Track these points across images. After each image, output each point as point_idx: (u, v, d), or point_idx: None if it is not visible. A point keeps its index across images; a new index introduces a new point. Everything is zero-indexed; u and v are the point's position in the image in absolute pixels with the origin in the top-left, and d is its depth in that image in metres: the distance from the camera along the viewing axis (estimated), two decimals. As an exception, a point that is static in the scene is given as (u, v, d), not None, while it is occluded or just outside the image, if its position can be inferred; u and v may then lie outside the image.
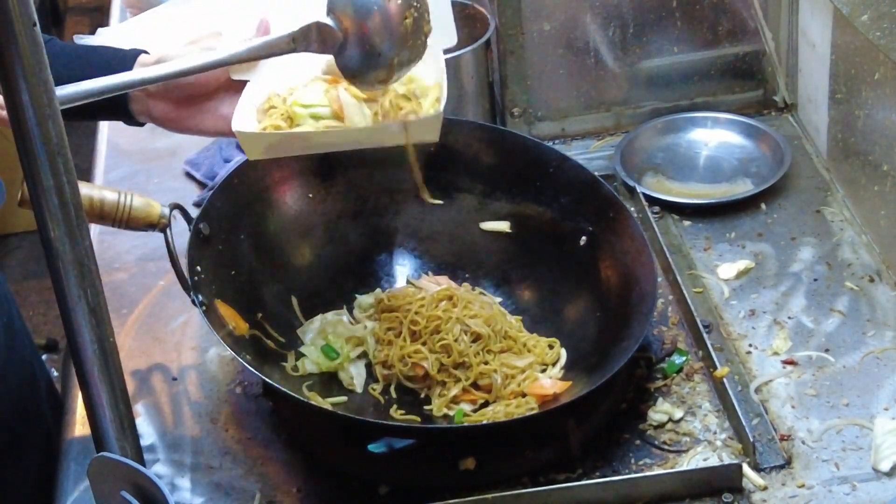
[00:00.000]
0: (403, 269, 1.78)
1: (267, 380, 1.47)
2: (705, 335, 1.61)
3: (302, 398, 1.51)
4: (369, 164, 1.78)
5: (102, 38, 2.31)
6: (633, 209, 1.79)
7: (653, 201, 1.89)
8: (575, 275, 1.69)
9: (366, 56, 1.40)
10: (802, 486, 1.42)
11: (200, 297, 1.52)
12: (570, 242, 1.71)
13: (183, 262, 1.55)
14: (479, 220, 1.77)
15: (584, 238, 1.70)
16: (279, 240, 1.72)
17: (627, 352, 1.50)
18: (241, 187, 1.69)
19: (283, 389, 1.48)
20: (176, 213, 1.64)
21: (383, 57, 1.40)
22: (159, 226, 1.63)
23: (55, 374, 3.06)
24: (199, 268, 1.56)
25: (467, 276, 1.77)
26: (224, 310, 1.57)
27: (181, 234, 1.63)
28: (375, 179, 1.78)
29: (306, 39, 1.41)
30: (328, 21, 1.41)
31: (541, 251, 1.70)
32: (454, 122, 1.81)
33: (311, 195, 1.76)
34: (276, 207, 1.73)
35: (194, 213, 1.64)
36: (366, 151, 1.75)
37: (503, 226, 1.75)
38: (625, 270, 1.63)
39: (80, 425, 1.60)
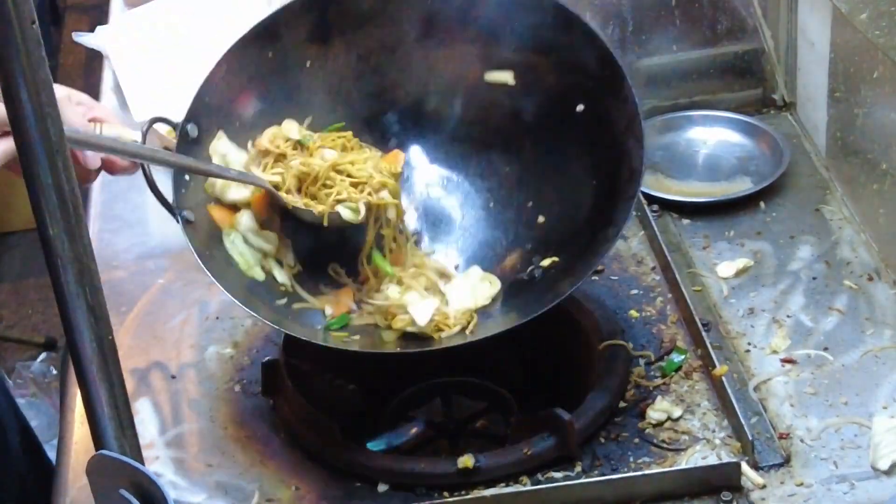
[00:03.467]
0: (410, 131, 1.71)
1: (266, 321, 1.48)
2: (704, 334, 1.61)
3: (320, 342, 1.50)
4: (366, 22, 1.67)
5: (101, 36, 2.31)
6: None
7: (651, 200, 1.89)
8: (574, 141, 1.64)
9: None
10: (801, 484, 1.42)
11: (185, 213, 1.49)
12: (569, 102, 1.64)
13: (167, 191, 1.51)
14: (483, 70, 1.68)
15: (581, 106, 1.63)
16: (279, 121, 1.62)
17: (611, 240, 1.49)
18: (231, 77, 1.59)
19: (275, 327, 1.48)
20: (158, 126, 1.55)
21: None
22: None
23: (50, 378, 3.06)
24: (187, 177, 1.51)
25: (474, 135, 1.70)
26: (219, 213, 1.53)
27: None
28: (374, 37, 1.68)
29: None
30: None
31: (543, 110, 1.64)
32: None
33: (308, 63, 1.66)
34: (272, 89, 1.63)
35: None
36: (363, 7, 1.67)
37: (507, 76, 1.70)
38: (617, 140, 1.58)
39: (79, 424, 1.60)
